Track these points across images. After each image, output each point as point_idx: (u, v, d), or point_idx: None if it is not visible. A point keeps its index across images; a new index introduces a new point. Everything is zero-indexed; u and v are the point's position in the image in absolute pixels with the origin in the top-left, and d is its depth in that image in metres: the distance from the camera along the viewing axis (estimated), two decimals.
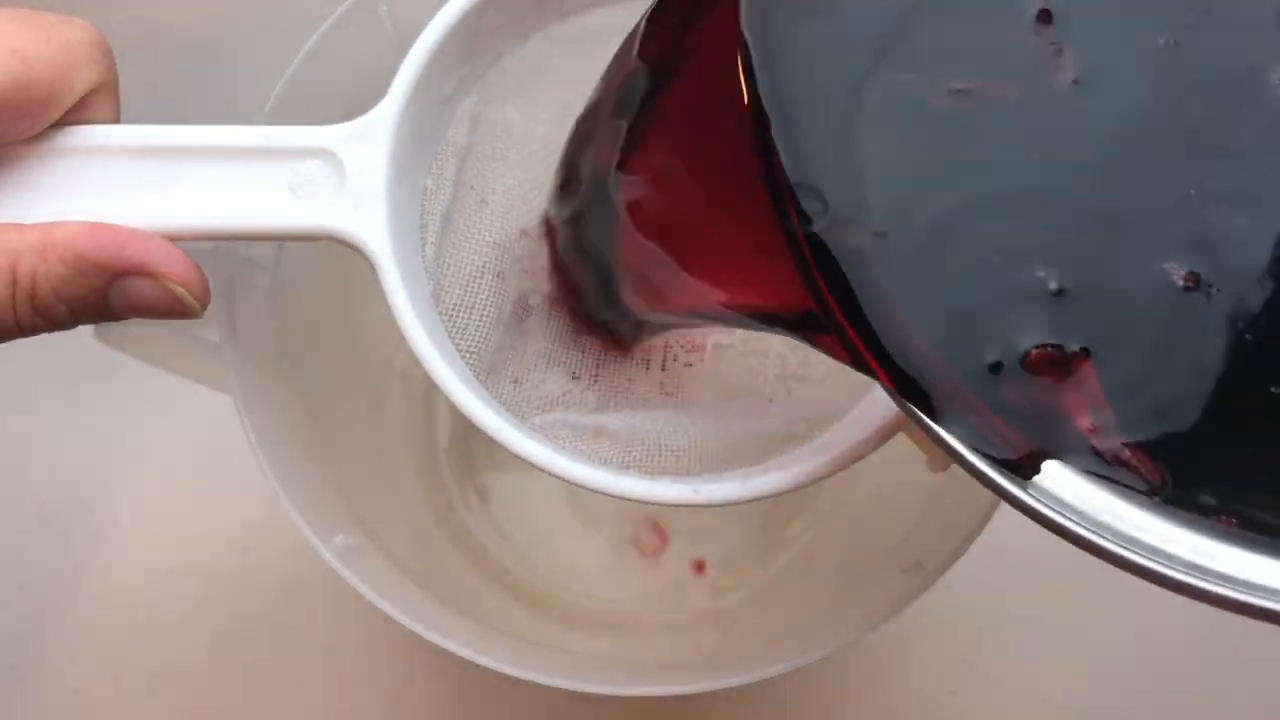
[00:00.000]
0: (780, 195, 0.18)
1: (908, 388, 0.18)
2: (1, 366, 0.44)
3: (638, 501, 0.24)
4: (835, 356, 0.19)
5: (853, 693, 0.41)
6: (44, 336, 0.46)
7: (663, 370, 0.30)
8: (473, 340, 0.27)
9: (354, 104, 0.29)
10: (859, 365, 0.18)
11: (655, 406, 0.29)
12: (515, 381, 0.28)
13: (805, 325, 0.20)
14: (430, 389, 0.40)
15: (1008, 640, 0.41)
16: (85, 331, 0.31)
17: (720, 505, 0.25)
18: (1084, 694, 0.41)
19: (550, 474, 0.24)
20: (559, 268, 0.29)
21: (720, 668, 0.30)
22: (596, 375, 0.29)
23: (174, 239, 0.24)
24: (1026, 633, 0.41)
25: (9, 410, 0.44)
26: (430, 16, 0.25)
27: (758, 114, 0.18)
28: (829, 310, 0.18)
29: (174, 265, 0.24)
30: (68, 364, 0.45)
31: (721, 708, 0.40)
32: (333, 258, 0.28)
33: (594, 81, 0.25)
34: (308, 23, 0.31)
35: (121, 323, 0.30)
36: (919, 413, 0.18)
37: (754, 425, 0.27)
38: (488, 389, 0.26)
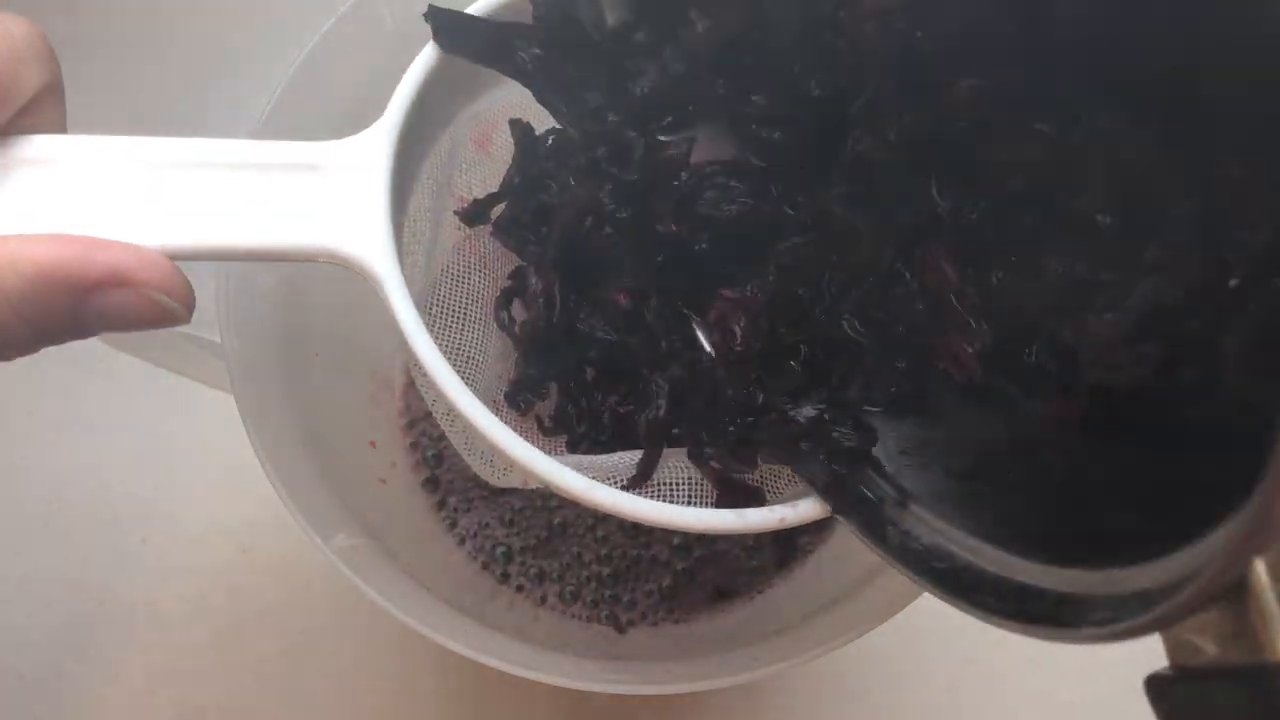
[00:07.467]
0: None
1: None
2: (2, 366, 0.44)
3: (686, 531, 0.23)
4: None
5: (853, 692, 0.41)
6: None
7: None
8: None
9: (356, 104, 0.29)
10: None
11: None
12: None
13: None
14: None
15: (1008, 638, 0.41)
16: None
17: (759, 530, 0.24)
18: (1084, 691, 0.41)
19: (589, 505, 0.23)
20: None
21: (721, 667, 0.30)
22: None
23: None
24: None
25: (9, 410, 0.44)
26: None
27: None
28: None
29: (153, 270, 0.21)
30: (68, 364, 0.44)
31: (722, 707, 0.40)
32: None
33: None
34: (310, 23, 0.31)
35: None
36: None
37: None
38: None
